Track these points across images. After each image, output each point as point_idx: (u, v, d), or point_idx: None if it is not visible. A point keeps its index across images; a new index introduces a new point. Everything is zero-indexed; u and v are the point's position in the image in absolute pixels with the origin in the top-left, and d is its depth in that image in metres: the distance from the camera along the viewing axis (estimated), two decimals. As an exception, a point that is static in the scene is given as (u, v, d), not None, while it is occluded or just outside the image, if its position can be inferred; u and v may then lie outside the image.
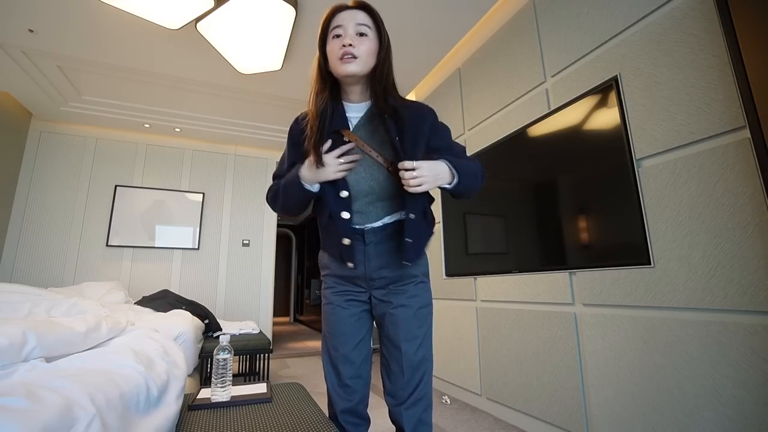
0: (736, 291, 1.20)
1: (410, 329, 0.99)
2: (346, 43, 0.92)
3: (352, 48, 0.92)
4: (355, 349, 1.03)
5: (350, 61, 0.92)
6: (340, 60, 0.93)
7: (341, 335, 1.04)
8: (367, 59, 0.94)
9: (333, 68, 0.95)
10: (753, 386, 1.14)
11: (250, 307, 4.19)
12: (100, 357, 1.05)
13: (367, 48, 0.94)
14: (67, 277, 3.58)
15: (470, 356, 2.43)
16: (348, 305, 1.05)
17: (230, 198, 4.32)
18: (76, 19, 2.31)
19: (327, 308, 1.08)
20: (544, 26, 2.03)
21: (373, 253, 1.00)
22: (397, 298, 1.01)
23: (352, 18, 0.94)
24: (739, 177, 1.21)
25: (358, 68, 0.93)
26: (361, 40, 0.93)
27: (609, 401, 1.56)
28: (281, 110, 3.64)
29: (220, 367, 1.28)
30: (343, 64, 0.92)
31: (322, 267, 1.11)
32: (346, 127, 0.99)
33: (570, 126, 1.81)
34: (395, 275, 1.01)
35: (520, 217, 2.12)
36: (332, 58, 0.95)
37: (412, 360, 0.98)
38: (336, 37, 0.95)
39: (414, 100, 1.05)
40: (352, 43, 0.92)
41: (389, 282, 1.02)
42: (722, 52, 1.26)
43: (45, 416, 0.63)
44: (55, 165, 3.70)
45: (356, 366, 1.03)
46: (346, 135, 0.97)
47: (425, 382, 1.00)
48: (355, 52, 0.92)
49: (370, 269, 1.01)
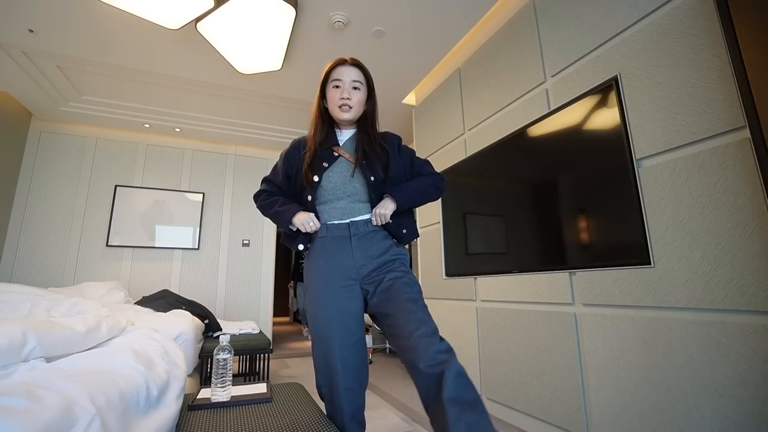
0: (736, 291, 1.20)
1: (406, 291, 1.10)
2: (345, 96, 1.18)
3: (348, 100, 1.18)
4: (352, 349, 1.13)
5: (346, 111, 1.20)
6: (338, 108, 1.20)
7: (333, 339, 1.13)
8: (358, 108, 1.22)
9: (331, 112, 1.23)
10: (753, 386, 1.14)
11: (250, 307, 4.19)
12: (100, 357, 1.05)
13: (359, 99, 1.21)
14: (67, 277, 3.58)
15: (470, 356, 2.43)
16: (342, 301, 1.15)
17: (230, 198, 4.32)
18: (76, 19, 2.31)
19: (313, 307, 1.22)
20: (544, 26, 2.03)
21: (357, 245, 1.16)
22: (387, 274, 1.14)
23: (349, 74, 1.20)
24: (739, 177, 1.21)
25: (352, 115, 1.21)
26: (355, 93, 1.20)
27: (609, 401, 1.56)
28: (281, 110, 3.64)
29: (220, 367, 1.28)
30: (341, 112, 1.20)
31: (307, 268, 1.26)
32: (336, 144, 1.25)
33: (570, 126, 1.81)
34: (379, 262, 1.16)
35: (520, 217, 2.12)
36: (332, 104, 1.22)
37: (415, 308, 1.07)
38: (335, 87, 1.20)
39: (385, 132, 1.31)
40: (349, 96, 1.18)
41: (374, 267, 1.16)
42: (722, 52, 1.26)
43: (45, 416, 0.63)
44: (55, 165, 3.70)
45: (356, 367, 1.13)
46: (337, 150, 1.23)
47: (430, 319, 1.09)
48: (350, 103, 1.19)
49: (359, 260, 1.16)
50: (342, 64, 1.22)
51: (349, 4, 2.23)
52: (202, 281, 4.05)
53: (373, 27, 2.39)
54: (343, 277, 1.15)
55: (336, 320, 1.11)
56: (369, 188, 1.18)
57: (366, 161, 1.20)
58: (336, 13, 2.29)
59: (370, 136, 1.22)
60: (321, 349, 1.12)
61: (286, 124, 3.95)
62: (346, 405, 1.09)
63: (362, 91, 1.22)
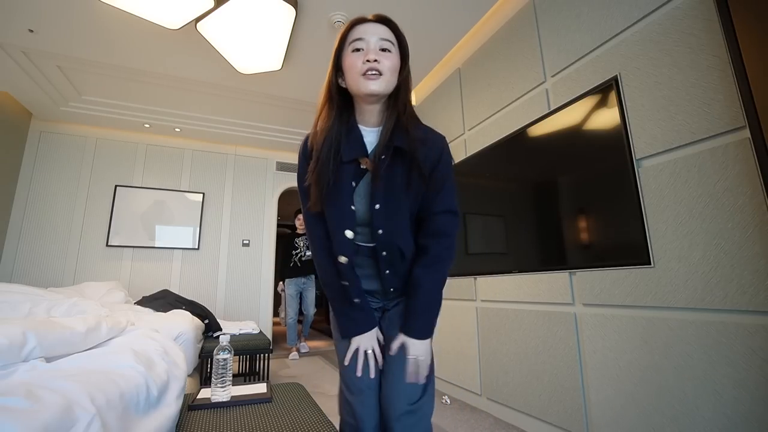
0: (736, 291, 1.20)
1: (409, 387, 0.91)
2: (371, 58, 0.83)
3: (377, 63, 0.83)
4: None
5: (375, 78, 0.84)
6: (362, 76, 0.84)
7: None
8: (390, 77, 0.86)
9: (353, 85, 0.86)
10: (753, 386, 1.14)
11: (250, 307, 4.19)
12: (100, 357, 1.05)
13: (391, 64, 0.85)
14: (67, 277, 3.58)
15: (470, 356, 2.43)
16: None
17: (230, 198, 4.32)
18: (76, 19, 2.31)
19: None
20: (544, 26, 2.03)
21: (389, 273, 0.94)
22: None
23: (375, 32, 0.86)
24: (739, 177, 1.21)
25: (382, 86, 0.84)
26: (385, 56, 0.85)
27: (609, 401, 1.56)
28: (281, 110, 3.64)
29: (220, 367, 1.28)
30: (366, 81, 0.84)
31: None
32: (365, 155, 0.89)
33: (570, 126, 1.81)
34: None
35: (520, 217, 2.12)
36: (352, 74, 0.85)
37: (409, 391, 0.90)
38: (356, 51, 0.86)
39: (429, 129, 0.94)
40: (377, 59, 0.84)
41: (401, 294, 0.96)
42: (722, 52, 1.25)
43: (45, 416, 0.63)
44: (55, 165, 3.70)
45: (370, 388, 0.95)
46: (366, 164, 0.88)
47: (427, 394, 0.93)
48: (380, 67, 0.84)
49: (387, 284, 0.95)
50: (363, 22, 0.88)
51: (349, 4, 2.23)
52: (202, 281, 4.05)
53: (373, 27, 2.38)
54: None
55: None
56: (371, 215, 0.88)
57: (388, 176, 0.87)
58: (336, 13, 2.29)
59: (407, 131, 0.87)
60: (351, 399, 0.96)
61: (286, 124, 3.95)
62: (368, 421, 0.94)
63: (395, 55, 0.87)
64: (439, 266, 0.92)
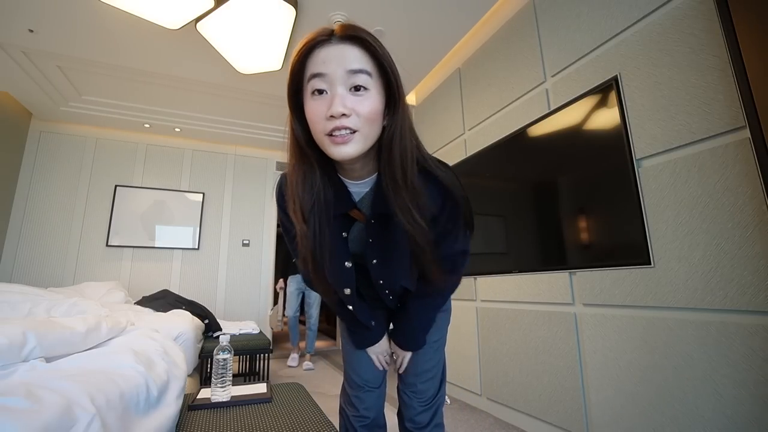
0: (736, 291, 1.20)
1: (422, 363, 1.01)
2: (336, 111, 0.59)
3: (346, 119, 0.60)
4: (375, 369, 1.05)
5: (346, 141, 0.61)
6: (328, 137, 0.62)
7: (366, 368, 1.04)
8: (369, 131, 0.63)
9: (319, 144, 0.65)
10: (753, 386, 1.14)
11: (250, 307, 4.19)
12: (100, 357, 1.05)
13: (368, 111, 0.61)
14: (67, 277, 3.58)
15: (470, 356, 2.43)
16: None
17: (230, 198, 4.32)
18: (76, 19, 2.31)
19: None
20: (544, 26, 2.03)
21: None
22: None
23: (340, 61, 0.60)
24: (739, 177, 1.21)
25: (358, 148, 0.63)
26: (358, 100, 0.61)
27: (609, 401, 1.56)
28: (281, 110, 3.62)
29: (220, 367, 1.28)
30: (334, 146, 0.62)
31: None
32: (353, 206, 0.76)
33: (570, 126, 1.81)
34: None
35: (520, 217, 2.12)
36: (315, 130, 0.63)
37: (426, 365, 1.01)
38: (317, 93, 0.61)
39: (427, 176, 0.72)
40: (344, 111, 0.59)
41: None
42: (722, 52, 1.25)
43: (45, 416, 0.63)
44: (55, 165, 3.70)
45: (375, 394, 1.06)
46: (355, 215, 0.77)
47: (438, 373, 1.03)
48: (350, 124, 0.60)
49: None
50: (323, 44, 0.62)
51: (349, 4, 2.22)
52: (202, 281, 4.05)
53: (372, 27, 2.38)
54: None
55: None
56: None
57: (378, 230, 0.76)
58: (336, 13, 2.29)
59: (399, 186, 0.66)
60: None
61: (287, 124, 3.94)
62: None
63: (373, 94, 0.62)
64: (440, 300, 0.95)
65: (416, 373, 1.01)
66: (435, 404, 1.02)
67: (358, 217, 0.77)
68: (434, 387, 1.02)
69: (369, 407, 1.03)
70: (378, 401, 1.06)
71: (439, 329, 1.02)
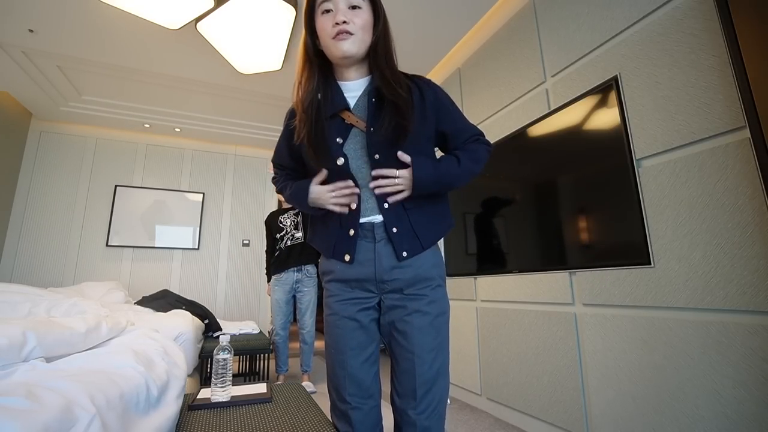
0: (736, 291, 1.20)
1: (425, 341, 0.87)
2: (339, 19, 0.83)
3: (347, 24, 0.83)
4: (364, 365, 0.90)
5: (345, 39, 0.84)
6: (333, 39, 0.84)
7: (348, 350, 0.90)
8: (363, 36, 0.86)
9: (326, 48, 0.88)
10: (753, 386, 1.14)
11: (250, 307, 4.19)
12: (100, 357, 1.05)
13: (362, 22, 0.85)
14: (67, 277, 3.58)
15: (470, 356, 2.43)
16: (356, 315, 0.91)
17: (230, 198, 4.32)
18: (76, 19, 2.31)
19: (330, 319, 0.94)
20: (544, 26, 2.03)
21: (383, 252, 0.88)
22: (412, 303, 0.89)
23: None
24: (739, 177, 1.21)
25: (355, 46, 0.85)
26: (355, 14, 0.85)
27: (609, 401, 1.56)
28: (281, 110, 3.63)
29: (220, 367, 1.28)
30: (337, 43, 0.84)
31: (325, 272, 0.97)
32: (347, 107, 0.90)
33: (570, 126, 1.81)
34: (410, 277, 0.89)
35: (520, 217, 2.12)
36: (324, 37, 0.87)
37: (425, 376, 0.86)
38: (325, 12, 0.86)
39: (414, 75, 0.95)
40: (345, 19, 0.83)
41: (404, 285, 0.89)
42: (722, 52, 1.25)
43: (45, 416, 0.63)
44: (55, 165, 3.70)
45: (365, 386, 0.90)
46: (347, 117, 0.89)
47: (439, 399, 0.88)
48: (350, 28, 0.83)
49: (381, 270, 0.88)
50: None
51: (349, 4, 2.22)
52: (202, 281, 4.05)
53: (373, 27, 2.38)
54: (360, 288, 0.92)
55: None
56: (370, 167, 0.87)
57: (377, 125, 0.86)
58: (336, 13, 2.29)
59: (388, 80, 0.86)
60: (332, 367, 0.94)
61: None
62: (367, 420, 0.91)
63: (365, 11, 0.87)
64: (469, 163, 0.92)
65: (417, 349, 0.87)
66: (432, 392, 0.90)
67: (352, 121, 0.89)
68: (433, 368, 0.88)
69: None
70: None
71: (441, 329, 0.91)
